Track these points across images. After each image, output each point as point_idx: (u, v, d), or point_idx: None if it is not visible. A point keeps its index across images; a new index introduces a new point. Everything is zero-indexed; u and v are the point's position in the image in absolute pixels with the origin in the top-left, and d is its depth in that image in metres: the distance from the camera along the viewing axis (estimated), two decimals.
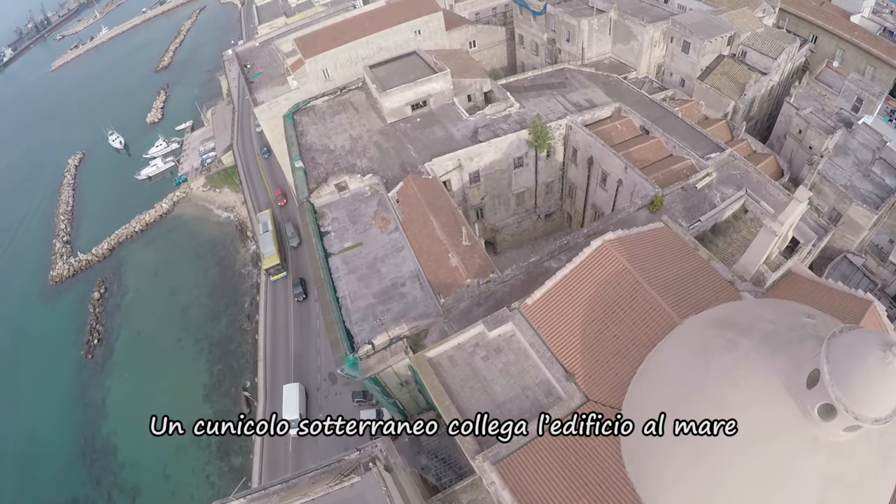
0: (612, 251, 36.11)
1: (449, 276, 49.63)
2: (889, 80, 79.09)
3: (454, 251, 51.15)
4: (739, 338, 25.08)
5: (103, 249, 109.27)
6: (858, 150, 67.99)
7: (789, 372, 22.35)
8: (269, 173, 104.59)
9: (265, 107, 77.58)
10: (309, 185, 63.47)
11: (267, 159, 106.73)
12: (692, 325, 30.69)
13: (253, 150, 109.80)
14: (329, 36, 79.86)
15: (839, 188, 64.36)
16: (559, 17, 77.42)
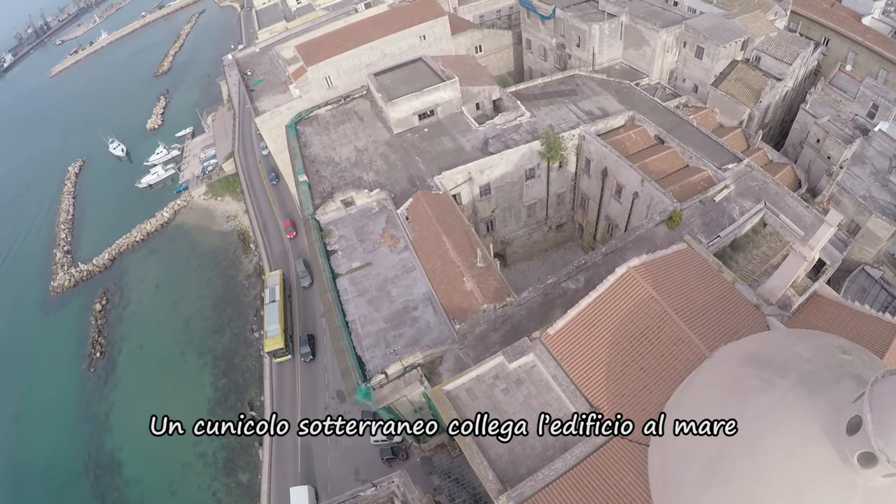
0: (637, 278, 33.92)
1: (464, 300, 46.09)
2: None
3: (468, 273, 47.56)
4: (776, 378, 23.66)
5: (104, 259, 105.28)
6: (875, 159, 64.65)
7: (829, 416, 21.26)
8: (278, 200, 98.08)
9: (267, 116, 73.72)
10: (314, 201, 59.86)
11: (276, 185, 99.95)
12: (724, 361, 28.44)
13: (255, 157, 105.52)
14: (332, 42, 75.86)
15: (858, 200, 61.11)
16: (569, 21, 73.47)
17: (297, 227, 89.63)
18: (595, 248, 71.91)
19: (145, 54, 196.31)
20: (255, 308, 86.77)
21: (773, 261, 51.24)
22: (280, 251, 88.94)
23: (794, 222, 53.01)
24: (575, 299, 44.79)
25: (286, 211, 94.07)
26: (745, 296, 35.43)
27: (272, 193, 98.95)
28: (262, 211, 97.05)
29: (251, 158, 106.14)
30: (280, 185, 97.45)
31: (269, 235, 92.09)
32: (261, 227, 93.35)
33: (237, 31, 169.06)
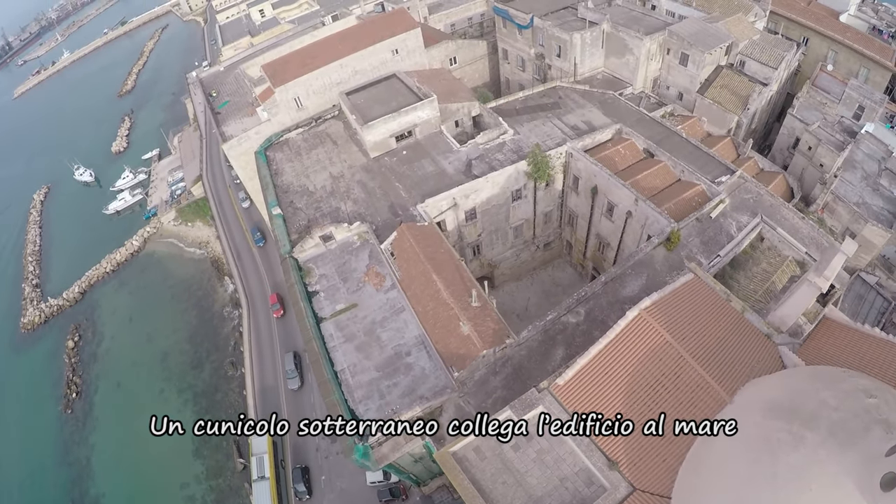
0: (650, 322, 30.67)
1: (461, 345, 40.56)
2: (883, 82, 71.84)
3: (464, 315, 41.92)
4: (805, 431, 22.47)
5: (74, 293, 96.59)
6: (865, 162, 60.68)
7: (861, 471, 20.62)
8: (267, 266, 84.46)
9: (234, 142, 66.57)
10: (290, 236, 53.35)
11: (263, 247, 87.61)
12: (748, 411, 26.27)
13: (224, 181, 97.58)
14: (299, 61, 68.95)
15: (853, 208, 57.24)
16: (548, 30, 67.61)
17: (286, 305, 75.24)
18: (585, 265, 67.08)
19: (108, 73, 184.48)
20: (234, 341, 79.82)
21: (773, 278, 46.88)
22: (255, 279, 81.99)
23: (791, 234, 49.32)
24: (576, 334, 41.26)
25: (275, 279, 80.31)
26: (756, 325, 32.81)
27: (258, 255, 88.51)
28: (235, 238, 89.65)
29: (220, 182, 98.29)
30: (268, 247, 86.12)
31: (243, 264, 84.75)
32: (234, 256, 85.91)
33: (201, 47, 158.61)
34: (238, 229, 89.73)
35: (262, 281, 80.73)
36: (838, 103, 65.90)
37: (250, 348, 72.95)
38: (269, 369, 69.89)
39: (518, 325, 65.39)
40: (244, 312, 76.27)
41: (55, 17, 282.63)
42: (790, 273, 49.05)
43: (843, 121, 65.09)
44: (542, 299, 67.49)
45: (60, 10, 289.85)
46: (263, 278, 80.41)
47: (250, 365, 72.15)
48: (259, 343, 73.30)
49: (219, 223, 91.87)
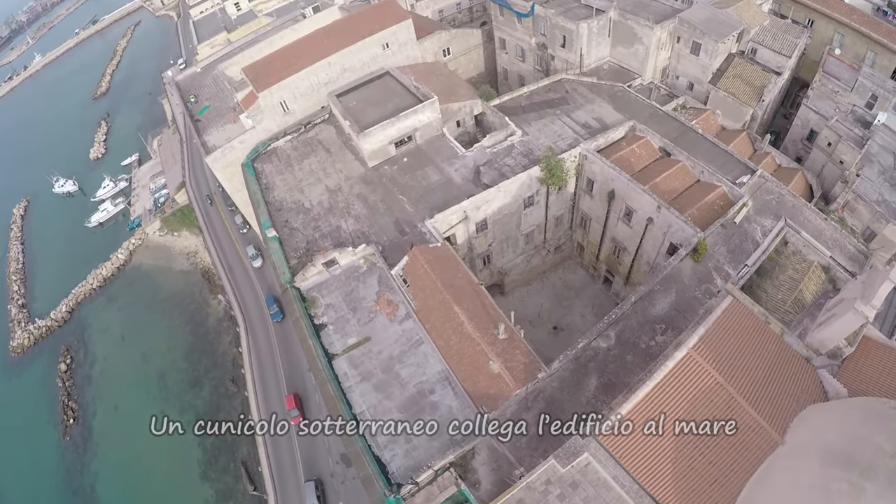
0: (699, 362, 27.13)
1: (491, 384, 34.99)
2: (891, 66, 65.65)
3: (492, 351, 36.07)
4: (864, 481, 21.20)
5: (62, 313, 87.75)
6: (881, 155, 55.11)
7: None
8: (262, 281, 74.10)
9: (218, 154, 58.44)
10: (289, 262, 46.14)
11: (260, 269, 76.90)
12: (803, 457, 24.16)
13: (208, 187, 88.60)
14: (283, 61, 60.64)
15: (874, 207, 51.95)
16: (552, 20, 60.07)
17: (306, 406, 59.94)
18: (597, 267, 60.98)
19: (81, 75, 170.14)
20: (233, 356, 72.56)
21: (801, 286, 42.91)
22: (251, 296, 74.11)
23: (814, 237, 45.66)
24: (608, 359, 37.18)
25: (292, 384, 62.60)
26: (795, 348, 30.29)
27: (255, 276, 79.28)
28: (225, 248, 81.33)
29: (205, 188, 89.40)
30: (265, 268, 75.88)
31: (236, 279, 76.72)
32: (226, 270, 77.78)
33: (175, 43, 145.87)
34: (227, 240, 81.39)
35: (258, 296, 73.05)
36: (850, 91, 60.18)
37: (252, 373, 65.65)
38: (274, 397, 62.82)
39: (531, 331, 59.58)
40: (242, 333, 68.70)
41: (25, 19, 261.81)
42: (817, 279, 44.94)
43: (856, 110, 59.45)
44: (555, 304, 61.53)
45: (30, 12, 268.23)
46: (259, 295, 72.74)
47: (253, 388, 65.12)
48: (262, 368, 66.04)
49: (206, 233, 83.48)
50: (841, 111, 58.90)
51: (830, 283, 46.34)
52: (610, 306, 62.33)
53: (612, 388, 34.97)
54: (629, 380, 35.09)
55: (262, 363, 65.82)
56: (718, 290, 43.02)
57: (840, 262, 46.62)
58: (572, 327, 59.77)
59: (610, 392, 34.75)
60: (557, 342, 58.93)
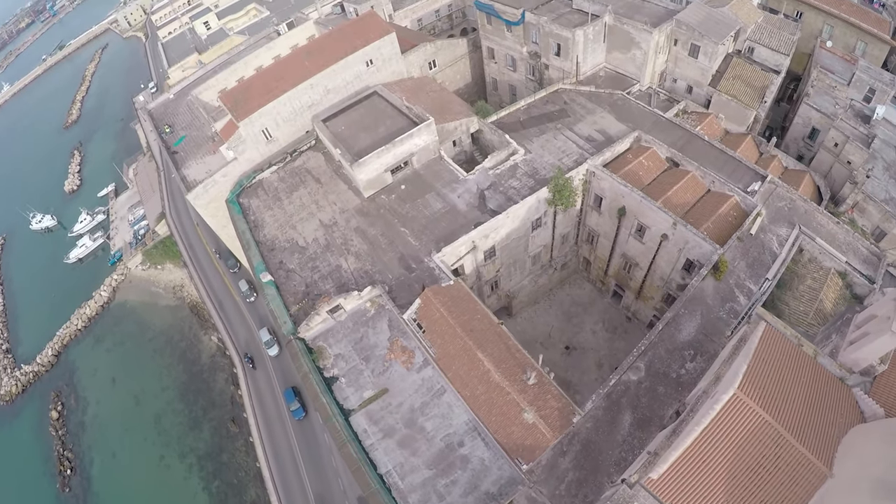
0: (746, 402, 24.89)
1: (526, 435, 31.42)
2: (881, 56, 62.98)
3: (523, 399, 32.20)
4: None
5: (48, 356, 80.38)
6: (883, 151, 52.02)
7: None
8: (255, 317, 67.17)
9: (200, 190, 52.34)
10: (289, 309, 40.71)
11: (253, 303, 69.79)
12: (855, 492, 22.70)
13: (190, 218, 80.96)
14: (262, 85, 54.74)
15: (883, 206, 49.04)
16: (545, 27, 54.95)
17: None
18: (606, 282, 56.63)
19: (51, 103, 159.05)
20: (230, 394, 66.70)
21: (821, 295, 40.69)
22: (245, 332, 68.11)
23: (828, 242, 43.47)
24: (640, 393, 34.50)
25: None
26: (829, 369, 28.78)
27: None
28: (210, 278, 75.02)
29: (186, 219, 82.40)
30: (258, 302, 68.77)
31: (227, 316, 70.16)
32: (215, 303, 71.39)
33: (145, 65, 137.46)
34: (214, 272, 74.93)
35: (251, 330, 67.14)
36: (847, 85, 56.79)
37: (253, 409, 59.95)
38: (279, 433, 57.28)
39: (543, 353, 54.43)
40: (240, 375, 62.67)
41: None
42: (835, 287, 42.96)
43: (854, 104, 56.10)
44: (564, 322, 57.02)
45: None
46: (252, 329, 66.71)
47: (252, 412, 59.85)
48: (262, 403, 60.41)
49: (190, 264, 76.89)
50: (840, 106, 55.55)
51: (847, 289, 43.86)
52: (621, 321, 58.29)
53: (647, 424, 32.47)
54: (663, 412, 32.74)
55: (264, 405, 60.15)
56: (742, 309, 39.60)
57: (856, 266, 43.60)
58: (585, 345, 55.44)
59: (645, 427, 32.30)
60: (571, 362, 54.68)
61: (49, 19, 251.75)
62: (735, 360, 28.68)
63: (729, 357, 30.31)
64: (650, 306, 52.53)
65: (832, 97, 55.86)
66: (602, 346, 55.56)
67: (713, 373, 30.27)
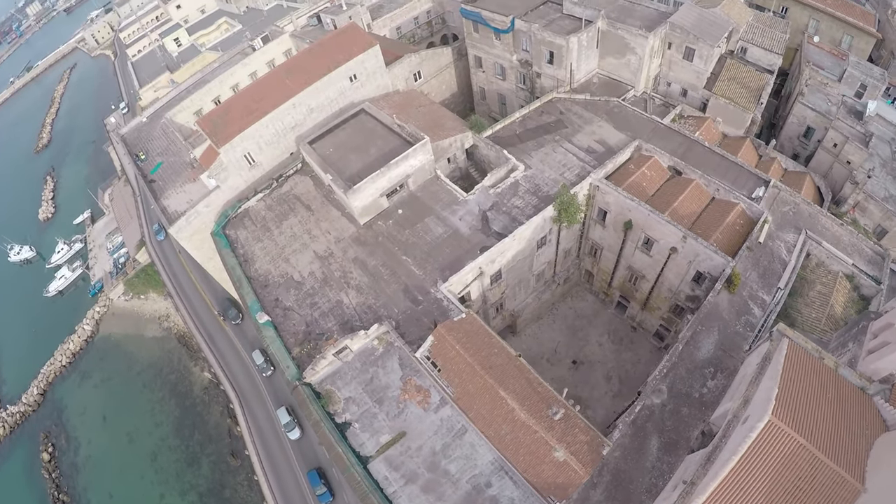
0: (782, 427, 23.58)
1: (558, 473, 29.19)
2: (867, 49, 61.34)
3: (551, 437, 29.75)
4: None
5: (34, 395, 74.18)
6: (878, 147, 50.29)
7: None
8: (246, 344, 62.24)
9: (182, 223, 47.69)
10: (291, 352, 36.83)
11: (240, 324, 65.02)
12: None
13: (172, 246, 76.19)
14: (242, 107, 50.36)
15: (884, 205, 47.53)
16: (536, 35, 51.41)
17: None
18: (610, 293, 53.74)
19: (21, 127, 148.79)
20: (227, 426, 62.22)
21: (832, 300, 39.65)
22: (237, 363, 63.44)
23: (834, 245, 42.36)
24: (664, 416, 32.87)
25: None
26: (850, 380, 27.36)
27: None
28: (198, 310, 69.85)
29: (168, 246, 77.01)
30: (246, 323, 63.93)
31: (218, 347, 65.14)
32: (204, 334, 66.41)
33: (115, 85, 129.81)
34: (200, 302, 69.73)
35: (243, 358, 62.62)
36: (839, 81, 54.84)
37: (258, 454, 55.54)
38: (283, 472, 53.15)
39: (550, 369, 51.97)
40: (237, 409, 58.09)
41: None
42: (844, 290, 41.02)
43: (846, 101, 54.13)
44: (569, 336, 54.06)
45: None
46: (244, 358, 62.16)
47: (252, 444, 55.79)
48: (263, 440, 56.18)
49: (174, 293, 71.78)
50: (833, 103, 53.54)
51: (855, 291, 42.32)
52: (626, 331, 55.50)
53: (675, 447, 31.03)
54: (689, 434, 31.49)
55: (265, 442, 55.93)
56: (758, 322, 37.71)
57: (862, 268, 42.50)
58: (592, 358, 52.62)
59: (672, 451, 30.85)
60: (580, 377, 51.79)
61: (15, 40, 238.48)
62: (762, 380, 27.16)
63: (755, 377, 27.95)
64: (657, 316, 49.89)
65: (825, 94, 53.88)
66: (609, 358, 52.85)
67: (741, 395, 27.72)
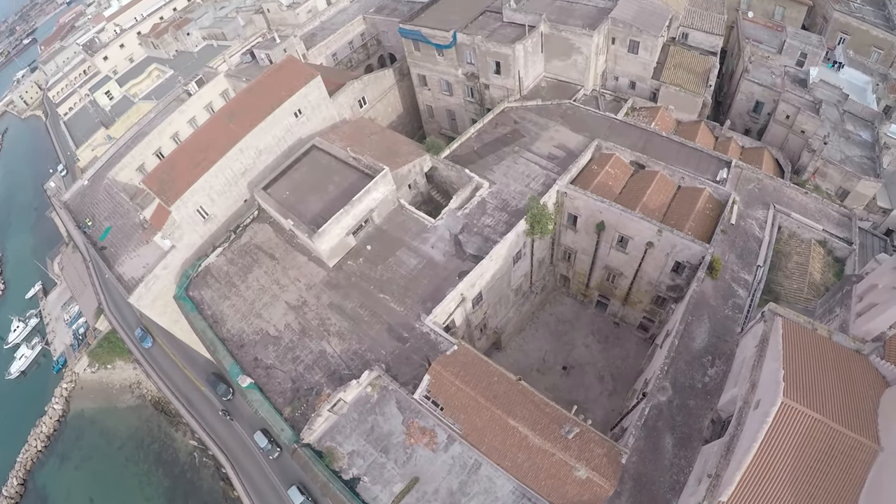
0: (794, 406, 24.10)
1: (583, 490, 28.53)
2: (800, 18, 63.00)
3: (570, 456, 28.97)
4: None
5: (14, 486, 68.33)
6: (827, 111, 51.42)
7: None
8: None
9: (142, 290, 44.88)
10: (282, 413, 34.70)
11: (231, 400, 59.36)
12: None
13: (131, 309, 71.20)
14: (187, 160, 47.59)
15: (842, 167, 48.72)
16: (481, 46, 50.32)
17: None
18: (588, 294, 53.19)
19: None
20: (220, 490, 58.96)
21: (810, 268, 40.30)
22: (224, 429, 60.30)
23: (802, 215, 43.03)
24: (673, 412, 32.86)
25: None
26: (845, 344, 28.16)
27: None
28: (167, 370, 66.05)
29: (127, 310, 72.17)
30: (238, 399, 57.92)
31: (196, 407, 61.16)
32: (181, 399, 62.36)
33: (50, 146, 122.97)
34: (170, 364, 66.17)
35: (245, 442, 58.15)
36: (779, 53, 55.89)
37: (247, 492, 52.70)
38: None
39: (542, 379, 50.99)
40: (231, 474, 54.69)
41: None
42: (819, 256, 41.90)
43: (789, 71, 55.26)
44: (555, 343, 53.23)
45: None
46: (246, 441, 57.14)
47: None
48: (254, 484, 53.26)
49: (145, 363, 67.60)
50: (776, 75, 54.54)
51: (829, 255, 42.86)
52: (610, 328, 54.91)
53: (688, 441, 31.06)
54: (700, 425, 31.59)
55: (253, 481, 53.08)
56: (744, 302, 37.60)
57: (832, 232, 43.54)
58: (581, 361, 51.97)
59: (687, 445, 30.90)
60: (572, 382, 51.00)
61: None
62: (764, 362, 27.53)
63: (756, 360, 28.16)
64: (639, 309, 49.67)
65: (768, 68, 54.82)
66: (598, 357, 52.32)
67: (747, 379, 28.20)
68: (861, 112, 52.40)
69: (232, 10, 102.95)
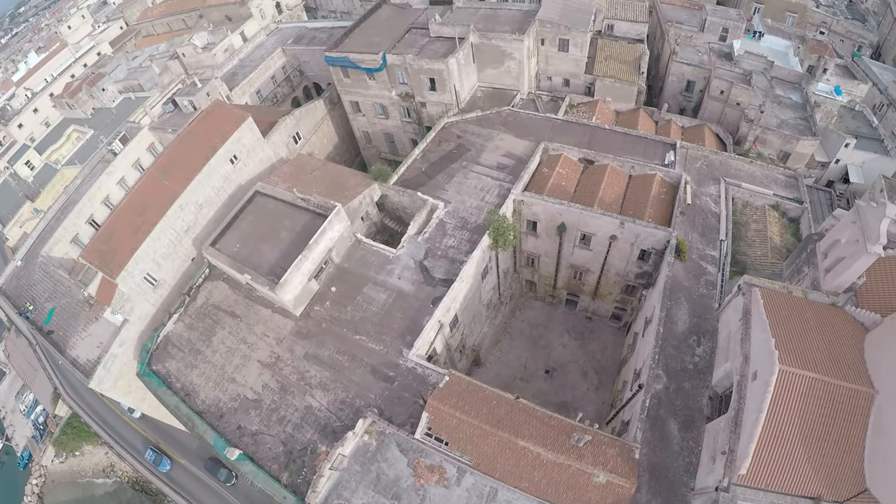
0: (793, 371, 25.16)
1: (606, 494, 28.54)
2: None
3: (584, 463, 28.67)
4: None
5: None
6: (757, 80, 53.61)
7: None
8: None
9: (101, 373, 41.92)
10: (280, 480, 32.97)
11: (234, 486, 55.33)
12: None
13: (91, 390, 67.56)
14: (126, 226, 44.89)
15: (780, 132, 50.64)
16: (413, 65, 49.73)
17: None
18: (556, 294, 53.46)
19: None
20: None
21: (769, 233, 41.98)
22: None
23: (751, 183, 44.99)
24: (671, 396, 33.44)
25: None
26: (822, 301, 29.71)
27: None
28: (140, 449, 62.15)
29: (86, 392, 67.79)
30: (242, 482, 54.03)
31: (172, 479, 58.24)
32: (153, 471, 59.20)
33: None
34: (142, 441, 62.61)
35: None
36: (701, 31, 57.84)
37: None
38: None
39: (528, 387, 50.68)
40: None
41: None
42: (774, 220, 43.64)
43: (713, 47, 57.31)
44: (532, 349, 53.08)
45: None
46: None
47: None
48: None
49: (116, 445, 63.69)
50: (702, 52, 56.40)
51: (784, 217, 44.57)
52: (583, 324, 55.08)
53: (692, 422, 31.72)
54: (699, 405, 32.31)
55: None
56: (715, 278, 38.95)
57: (782, 194, 45.39)
58: (562, 361, 52.13)
59: (692, 427, 31.55)
60: (558, 385, 51.03)
61: None
62: (752, 334, 28.69)
63: (743, 333, 29.33)
64: (609, 301, 50.31)
65: (693, 47, 56.61)
66: (577, 354, 52.61)
67: (738, 353, 29.07)
68: (787, 76, 54.75)
69: (145, 58, 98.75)
